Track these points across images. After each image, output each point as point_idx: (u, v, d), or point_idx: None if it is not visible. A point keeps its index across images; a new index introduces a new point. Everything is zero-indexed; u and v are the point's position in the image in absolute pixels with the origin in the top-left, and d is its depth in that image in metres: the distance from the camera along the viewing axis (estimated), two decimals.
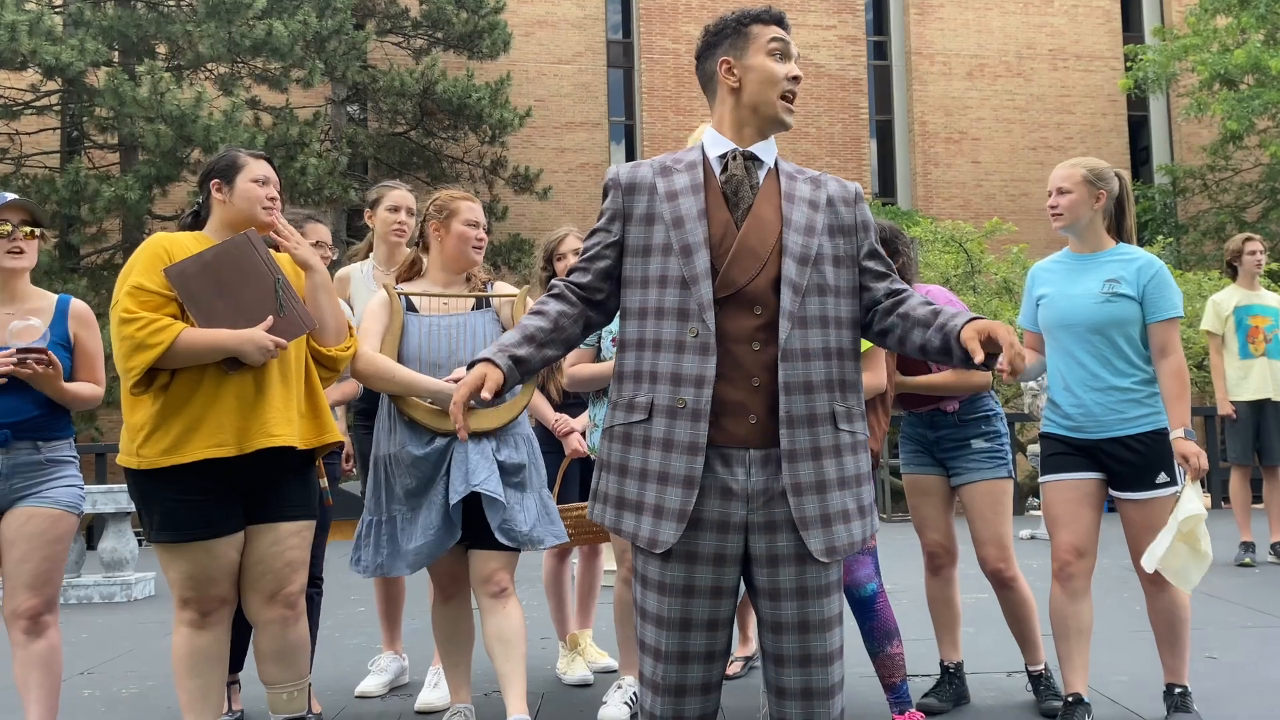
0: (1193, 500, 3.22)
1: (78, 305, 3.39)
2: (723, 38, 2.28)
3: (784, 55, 2.24)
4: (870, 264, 2.26)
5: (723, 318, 2.13)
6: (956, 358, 2.10)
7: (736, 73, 2.24)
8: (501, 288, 3.59)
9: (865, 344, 3.35)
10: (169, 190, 17.01)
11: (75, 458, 3.35)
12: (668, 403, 2.12)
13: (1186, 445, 3.27)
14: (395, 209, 4.22)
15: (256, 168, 3.09)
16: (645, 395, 2.16)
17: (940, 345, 2.14)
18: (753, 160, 2.24)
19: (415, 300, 3.47)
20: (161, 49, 17.53)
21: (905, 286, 2.24)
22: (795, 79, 2.24)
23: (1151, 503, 3.35)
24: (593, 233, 2.32)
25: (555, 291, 2.28)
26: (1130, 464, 3.35)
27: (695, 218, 2.17)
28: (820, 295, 2.16)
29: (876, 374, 3.42)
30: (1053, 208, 3.51)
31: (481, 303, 3.50)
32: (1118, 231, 3.53)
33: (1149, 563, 3.22)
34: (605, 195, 2.32)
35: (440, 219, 3.49)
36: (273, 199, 3.08)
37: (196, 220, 3.17)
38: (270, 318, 2.93)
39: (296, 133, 16.98)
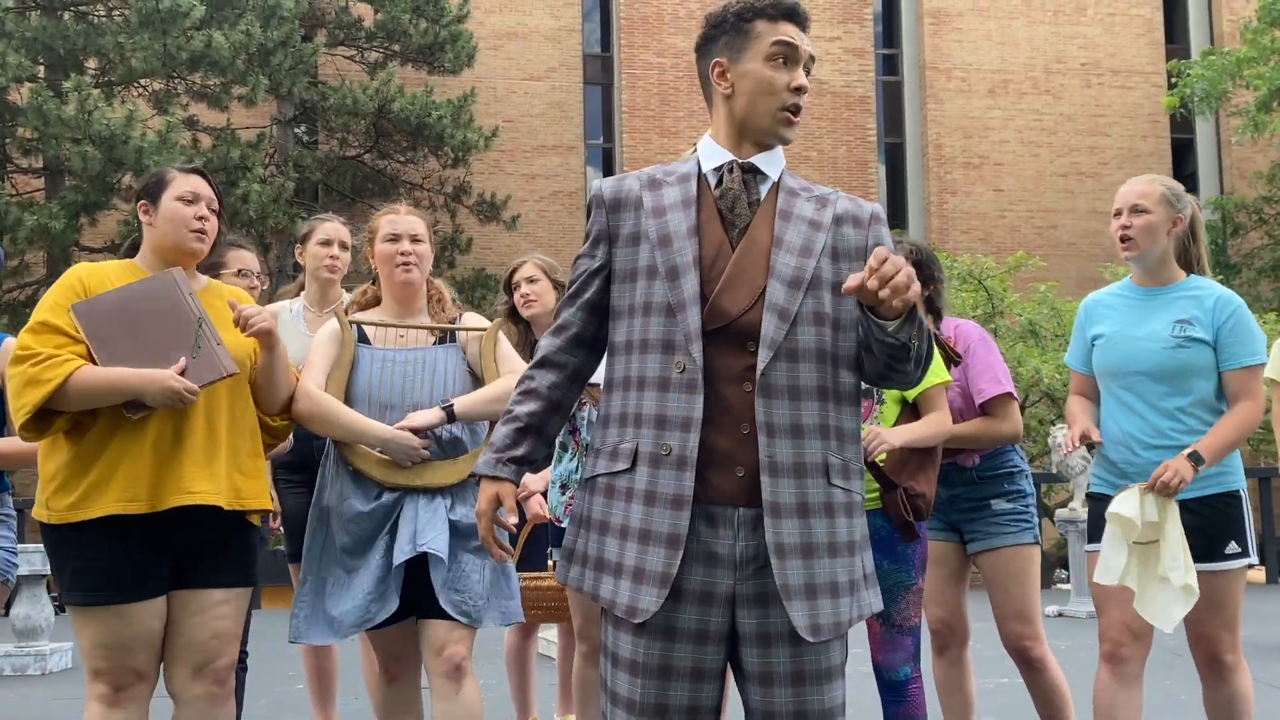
0: (1128, 502, 3.12)
1: (10, 344, 3.36)
2: (720, 32, 2.20)
3: (789, 60, 2.16)
4: None
5: (712, 352, 2.08)
6: (874, 339, 2.06)
7: (730, 78, 2.18)
8: (471, 319, 3.49)
9: (933, 379, 3.31)
10: (98, 219, 17.20)
11: (10, 515, 3.34)
12: (651, 449, 2.09)
13: (1181, 463, 3.11)
14: (327, 243, 4.36)
15: (183, 183, 3.04)
16: (629, 441, 2.12)
17: (868, 345, 2.09)
18: (753, 173, 2.19)
19: (369, 331, 3.39)
20: (90, 63, 17.75)
21: None
22: (799, 90, 2.15)
23: (1220, 576, 3.22)
24: (577, 260, 2.26)
25: (538, 359, 2.26)
26: (1196, 531, 3.18)
27: (685, 235, 2.13)
28: (816, 325, 2.10)
29: (945, 414, 3.31)
30: (1124, 229, 3.29)
31: (447, 336, 3.43)
32: (1186, 261, 3.39)
33: (1103, 575, 3.14)
34: (589, 215, 2.28)
35: (370, 246, 3.44)
36: (202, 218, 3.03)
37: (135, 249, 3.15)
38: (183, 360, 2.86)
39: (238, 155, 17.16)
